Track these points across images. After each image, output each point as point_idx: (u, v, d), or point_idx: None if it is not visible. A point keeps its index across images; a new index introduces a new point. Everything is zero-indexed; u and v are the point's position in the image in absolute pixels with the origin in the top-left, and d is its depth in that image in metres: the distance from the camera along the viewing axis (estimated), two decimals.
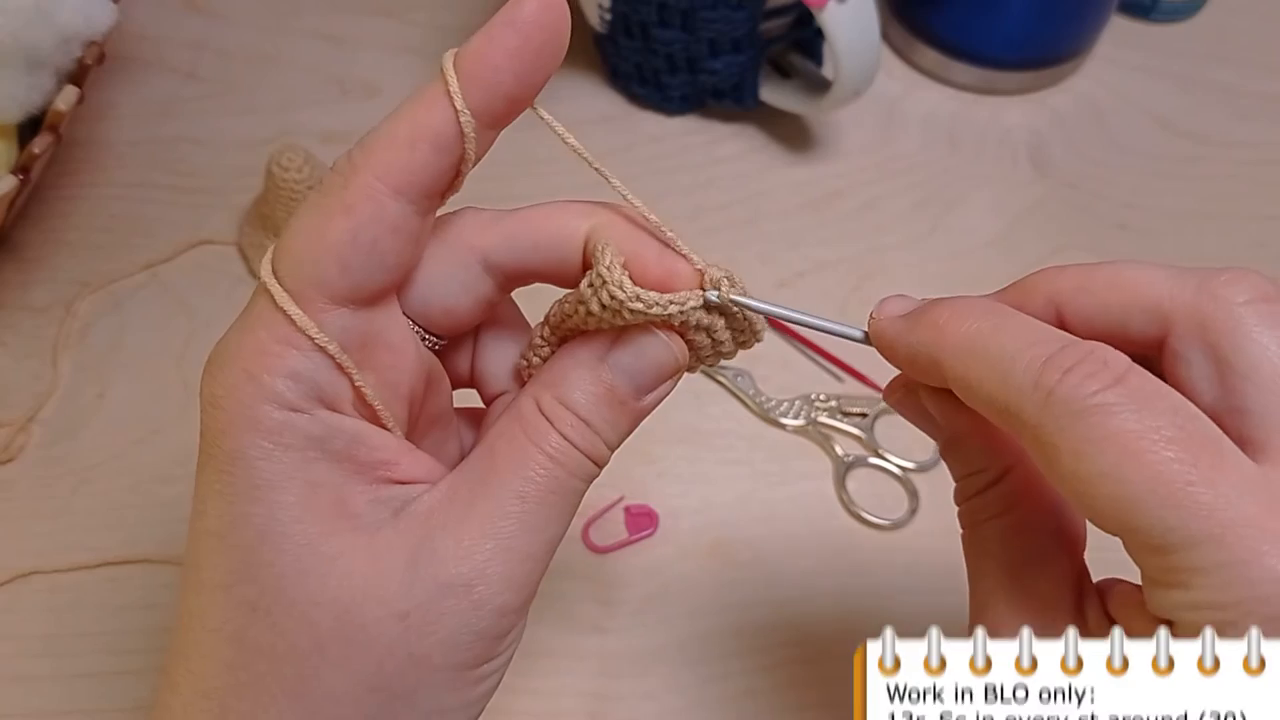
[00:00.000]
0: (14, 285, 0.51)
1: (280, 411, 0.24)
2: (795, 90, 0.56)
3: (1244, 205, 0.56)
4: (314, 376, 0.24)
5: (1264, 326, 0.24)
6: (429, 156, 0.25)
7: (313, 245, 0.24)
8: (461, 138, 0.25)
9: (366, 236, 0.24)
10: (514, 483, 0.26)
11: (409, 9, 0.63)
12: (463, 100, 0.24)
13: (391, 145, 0.24)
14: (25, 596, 0.42)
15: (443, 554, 0.25)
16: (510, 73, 0.25)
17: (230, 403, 0.24)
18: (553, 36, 0.25)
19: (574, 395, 0.26)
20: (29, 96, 0.46)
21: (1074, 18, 0.59)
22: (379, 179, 0.24)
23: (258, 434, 0.24)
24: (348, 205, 0.24)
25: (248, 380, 0.24)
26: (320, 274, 0.24)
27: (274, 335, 0.24)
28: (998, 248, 0.54)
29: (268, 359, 0.24)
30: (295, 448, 0.24)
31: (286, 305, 0.24)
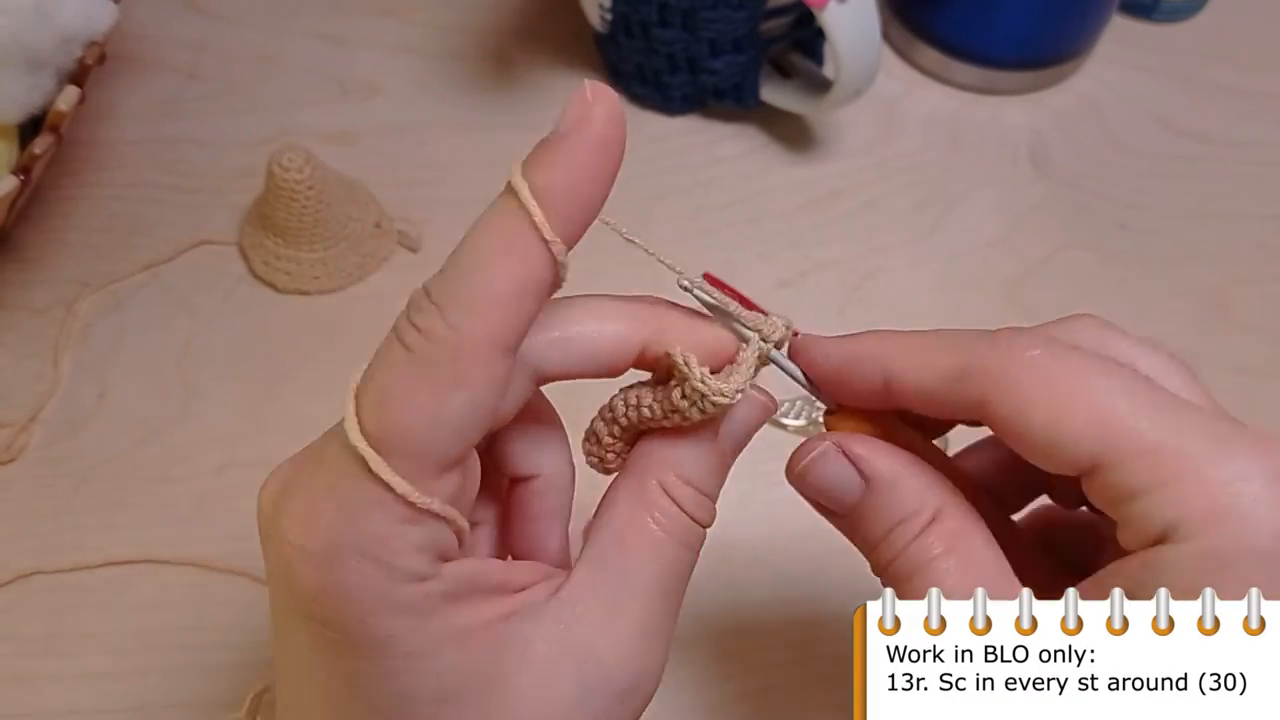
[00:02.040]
0: (15, 285, 0.51)
1: (415, 585, 0.23)
2: (796, 90, 0.56)
3: (1245, 205, 0.56)
4: (434, 544, 0.24)
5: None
6: (535, 307, 0.24)
7: (427, 421, 0.23)
8: (557, 274, 0.24)
9: (483, 404, 0.23)
10: (655, 575, 0.26)
11: (409, 9, 0.63)
12: (562, 245, 0.23)
13: (501, 303, 0.23)
14: (26, 596, 0.42)
15: (610, 660, 0.25)
16: (599, 202, 0.24)
17: (363, 593, 0.23)
18: (621, 146, 0.24)
19: (699, 475, 0.27)
20: (30, 97, 0.46)
21: (1075, 17, 0.59)
22: (492, 343, 0.23)
23: (402, 614, 0.23)
24: (463, 377, 0.23)
25: (378, 569, 0.23)
26: (438, 450, 0.23)
27: (391, 516, 0.23)
28: (998, 247, 0.54)
29: (394, 541, 0.23)
30: (436, 610, 0.24)
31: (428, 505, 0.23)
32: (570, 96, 0.24)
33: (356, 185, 0.53)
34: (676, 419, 0.27)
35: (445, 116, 0.58)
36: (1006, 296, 0.52)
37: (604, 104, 0.24)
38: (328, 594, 0.23)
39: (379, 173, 0.54)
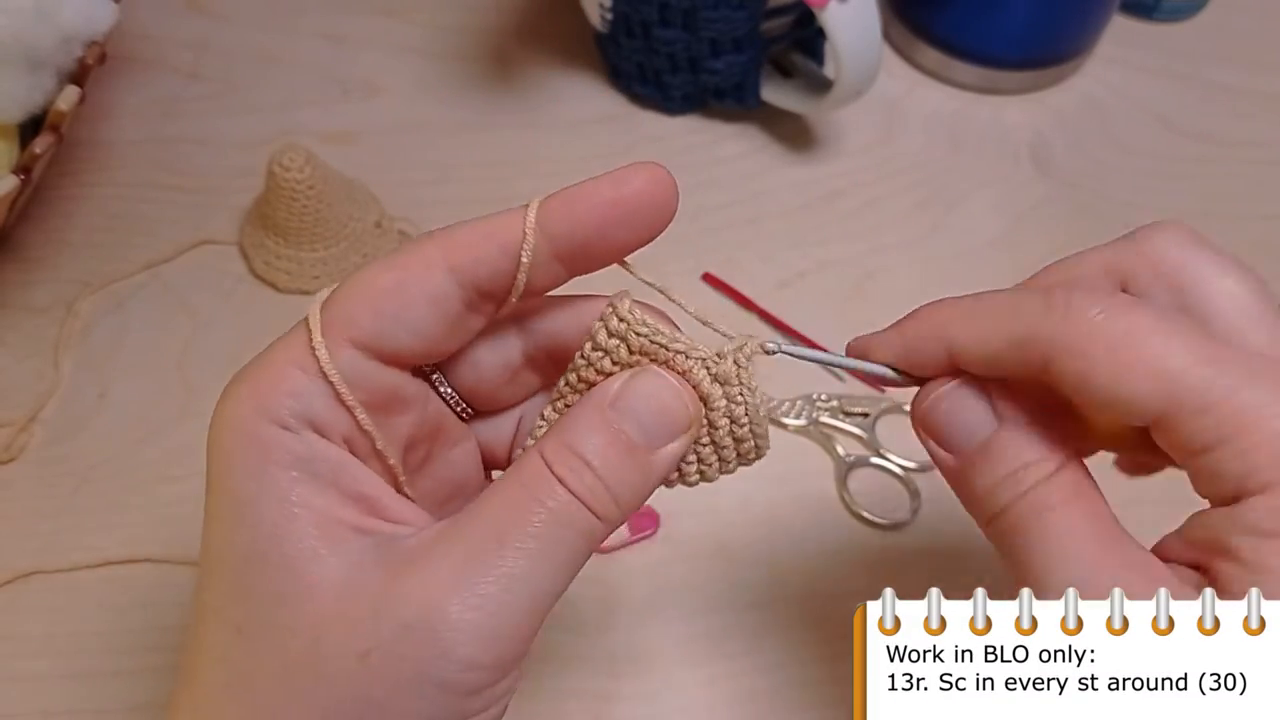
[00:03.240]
0: (15, 285, 0.51)
1: (273, 429, 0.24)
2: (797, 90, 0.56)
3: (1246, 205, 0.56)
4: (312, 400, 0.25)
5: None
6: (492, 252, 0.26)
7: (355, 289, 0.26)
8: (520, 253, 0.26)
9: (406, 294, 0.25)
10: (498, 530, 0.24)
11: (410, 9, 0.63)
12: (535, 214, 0.26)
13: (464, 229, 0.26)
14: (26, 596, 0.42)
15: (407, 593, 0.23)
16: (594, 227, 0.26)
17: (231, 416, 0.25)
18: (654, 212, 0.26)
19: (580, 440, 0.25)
20: (30, 96, 0.46)
21: (1076, 17, 0.58)
22: (439, 251, 0.25)
23: (249, 449, 0.24)
24: (403, 264, 0.26)
25: (251, 395, 0.25)
26: (350, 313, 0.25)
27: (286, 356, 0.25)
28: (999, 247, 0.54)
29: (273, 374, 0.25)
30: (282, 465, 0.24)
31: (314, 326, 0.25)
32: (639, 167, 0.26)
33: (357, 185, 0.53)
34: (608, 365, 0.27)
35: (446, 116, 0.58)
36: None
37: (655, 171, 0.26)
38: (212, 420, 0.25)
39: (379, 172, 0.54)
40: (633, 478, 0.26)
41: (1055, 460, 0.26)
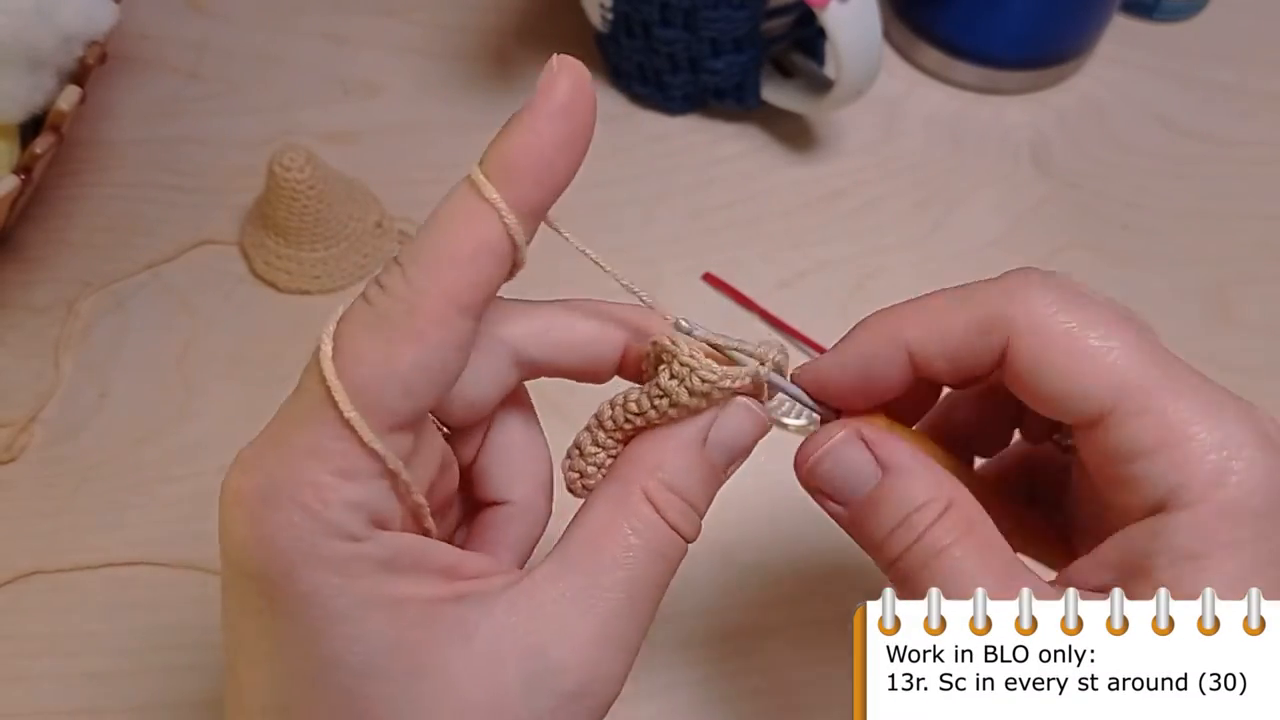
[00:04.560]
0: (16, 285, 0.51)
1: (345, 544, 0.23)
2: (797, 90, 0.56)
3: (1247, 204, 0.56)
4: (370, 503, 0.23)
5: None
6: (492, 270, 0.24)
7: (378, 374, 0.23)
8: (510, 239, 0.24)
9: (436, 362, 0.24)
10: (624, 581, 0.25)
11: (410, 8, 0.63)
12: (506, 206, 0.24)
13: (455, 263, 0.24)
14: (26, 596, 0.42)
15: (561, 660, 0.24)
16: (558, 176, 0.25)
17: (289, 542, 0.23)
18: (590, 121, 0.25)
19: (681, 479, 0.26)
20: (31, 96, 0.46)
21: (1076, 17, 0.58)
22: (448, 300, 0.23)
23: (328, 572, 0.23)
24: (418, 331, 0.23)
25: (307, 518, 0.23)
26: (384, 403, 0.23)
27: (328, 467, 0.23)
28: (1000, 247, 0.54)
29: (326, 492, 0.23)
30: (367, 575, 0.23)
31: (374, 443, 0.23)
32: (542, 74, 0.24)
33: (357, 185, 0.53)
34: (664, 405, 0.26)
35: (446, 116, 0.58)
36: None
37: (568, 74, 0.24)
38: (256, 541, 0.23)
39: (380, 172, 0.54)
40: (711, 495, 0.27)
41: (943, 500, 0.26)
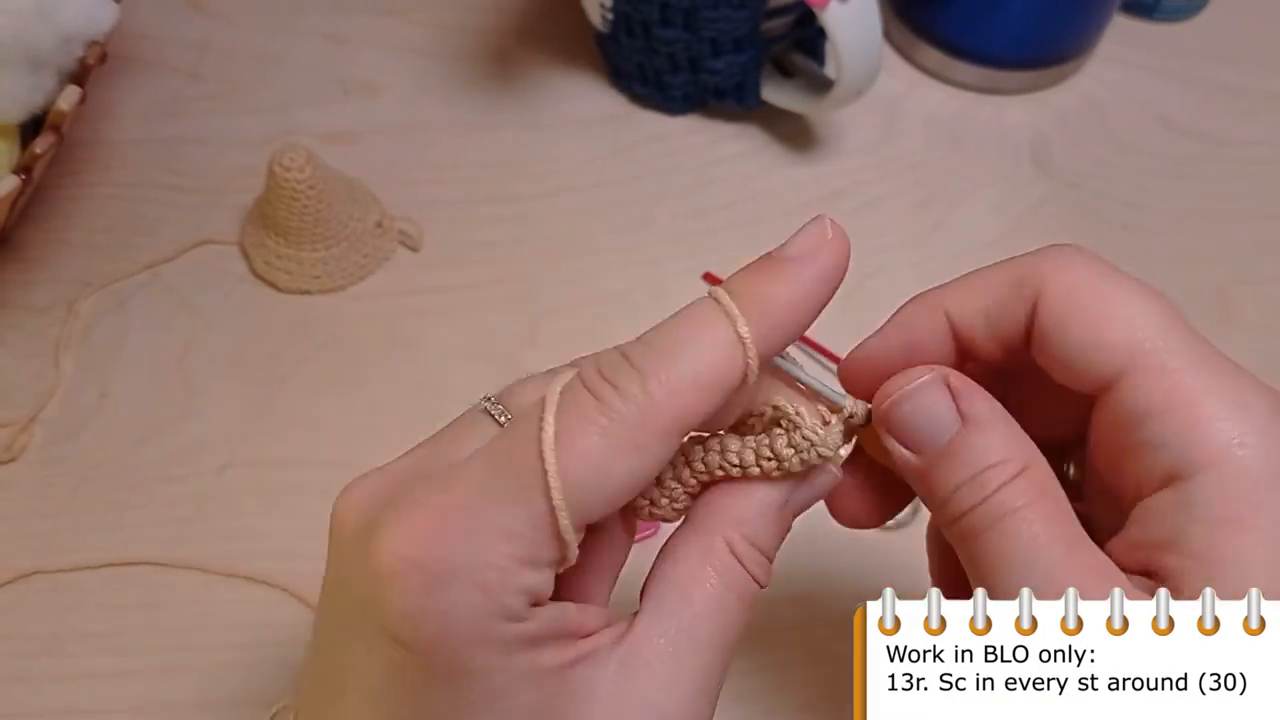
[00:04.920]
0: (16, 285, 0.51)
1: (512, 625, 0.23)
2: (797, 90, 0.56)
3: (1247, 204, 0.56)
4: (541, 589, 0.24)
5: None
6: (719, 403, 0.25)
7: (594, 476, 0.23)
8: (746, 379, 0.25)
9: (645, 475, 0.24)
10: (718, 632, 0.26)
11: (411, 8, 0.63)
12: (755, 350, 0.24)
13: (694, 389, 0.24)
14: (27, 596, 0.42)
15: (671, 714, 0.25)
16: (805, 320, 0.26)
17: (463, 621, 0.23)
18: (839, 281, 0.26)
19: (765, 537, 0.27)
20: (31, 96, 0.46)
21: (1076, 17, 0.58)
22: (679, 423, 0.24)
23: (493, 651, 0.23)
24: (640, 444, 0.24)
25: (485, 599, 0.23)
26: (587, 504, 0.24)
27: (516, 552, 0.23)
28: (1000, 247, 0.54)
29: (507, 577, 0.23)
30: (522, 651, 0.24)
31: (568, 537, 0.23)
32: (808, 226, 0.26)
33: (357, 185, 0.53)
34: (770, 468, 0.27)
35: (447, 116, 0.58)
36: None
37: (840, 244, 0.26)
38: (427, 615, 0.23)
39: (380, 172, 0.54)
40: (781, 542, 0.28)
41: (1019, 461, 0.26)
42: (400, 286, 0.52)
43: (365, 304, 0.51)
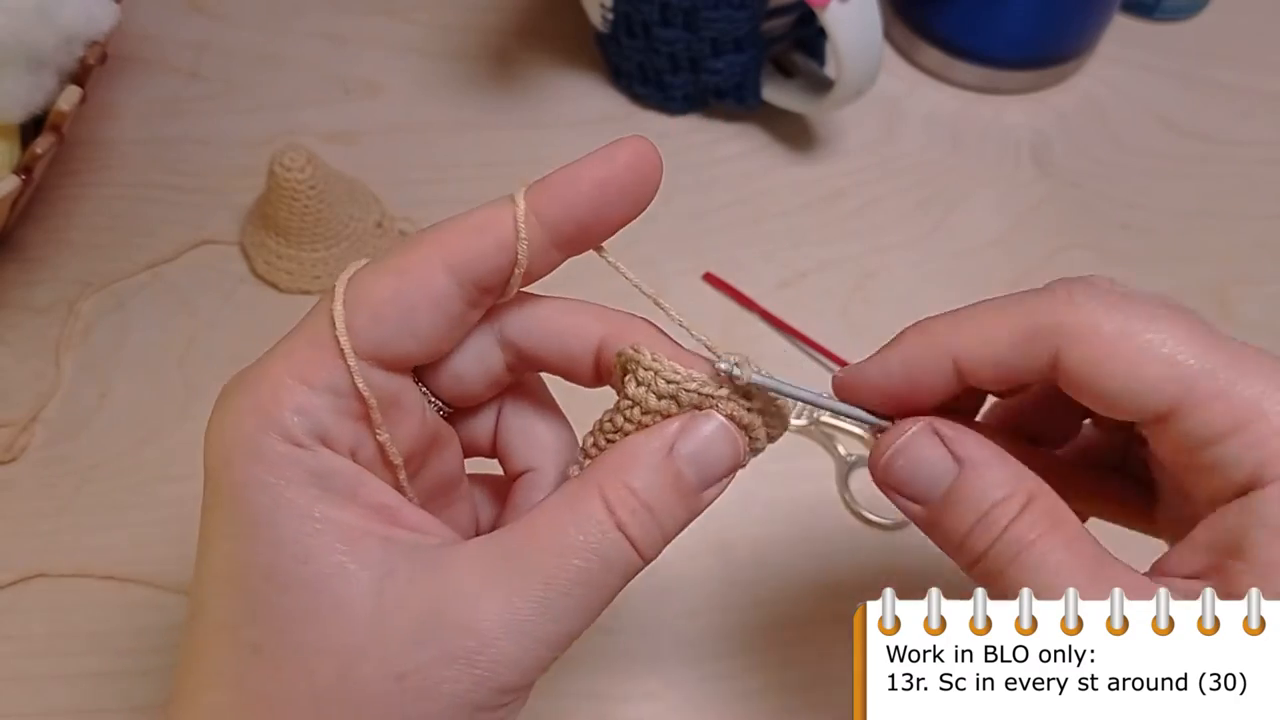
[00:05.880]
0: (17, 285, 0.51)
1: (284, 445, 0.24)
2: (797, 89, 0.56)
3: (1247, 204, 0.56)
4: (320, 415, 0.24)
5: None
6: (489, 248, 0.25)
7: (355, 297, 0.25)
8: (515, 236, 0.25)
9: (407, 300, 0.25)
10: (547, 565, 0.25)
11: (411, 8, 0.63)
12: (524, 205, 0.25)
13: (456, 226, 0.26)
14: (28, 596, 0.42)
15: (453, 622, 0.24)
16: (588, 209, 0.26)
17: (235, 433, 0.24)
18: (641, 185, 0.26)
19: (639, 480, 0.26)
20: (31, 96, 0.46)
21: (1076, 17, 0.58)
22: (436, 252, 0.25)
23: (261, 466, 0.24)
24: (401, 268, 0.25)
25: (255, 411, 0.24)
26: (353, 323, 0.25)
27: (289, 370, 0.25)
28: (1000, 247, 0.54)
29: (278, 391, 0.24)
30: (298, 483, 0.24)
31: (341, 337, 0.24)
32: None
33: (358, 185, 0.53)
34: (635, 414, 0.26)
35: (447, 116, 0.58)
36: None
37: (636, 142, 0.26)
38: (212, 430, 0.24)
39: (380, 172, 0.54)
40: (681, 517, 0.27)
41: (1024, 493, 0.26)
42: None
43: None
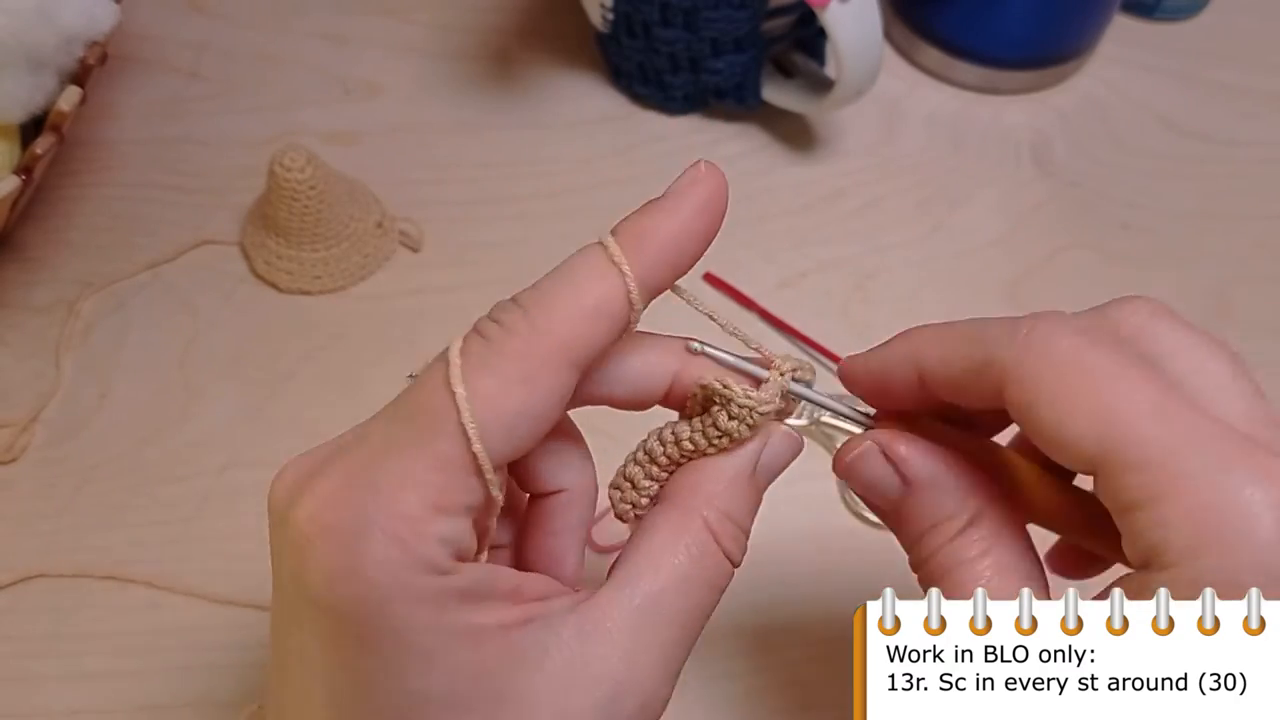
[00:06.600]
0: (17, 285, 0.51)
1: (435, 578, 0.23)
2: (798, 90, 0.56)
3: (1247, 204, 0.56)
4: (460, 538, 0.24)
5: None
6: (606, 329, 0.25)
7: (486, 413, 0.23)
8: (630, 307, 0.25)
9: (540, 410, 0.24)
10: (685, 609, 0.26)
11: (411, 8, 0.63)
12: (632, 274, 0.25)
13: (576, 316, 0.24)
14: (28, 596, 0.42)
15: (626, 688, 0.25)
16: (678, 258, 0.26)
17: (382, 577, 0.22)
18: (717, 218, 0.26)
19: (734, 504, 0.27)
20: (31, 97, 0.46)
21: (1077, 17, 0.58)
22: (564, 350, 0.24)
23: (418, 607, 0.23)
24: (528, 375, 0.24)
25: (402, 552, 0.22)
26: (488, 441, 0.23)
27: (424, 500, 0.23)
28: (1001, 247, 0.54)
29: (421, 526, 0.23)
30: (452, 608, 0.23)
31: (490, 479, 0.24)
32: (686, 170, 0.27)
33: (358, 185, 0.53)
34: (724, 443, 0.27)
35: (447, 116, 0.58)
36: (1008, 296, 0.52)
37: (714, 178, 0.26)
38: (345, 575, 0.22)
39: (381, 172, 0.54)
40: (755, 516, 0.29)
41: (966, 514, 0.27)
42: (401, 287, 0.52)
43: (366, 304, 0.51)
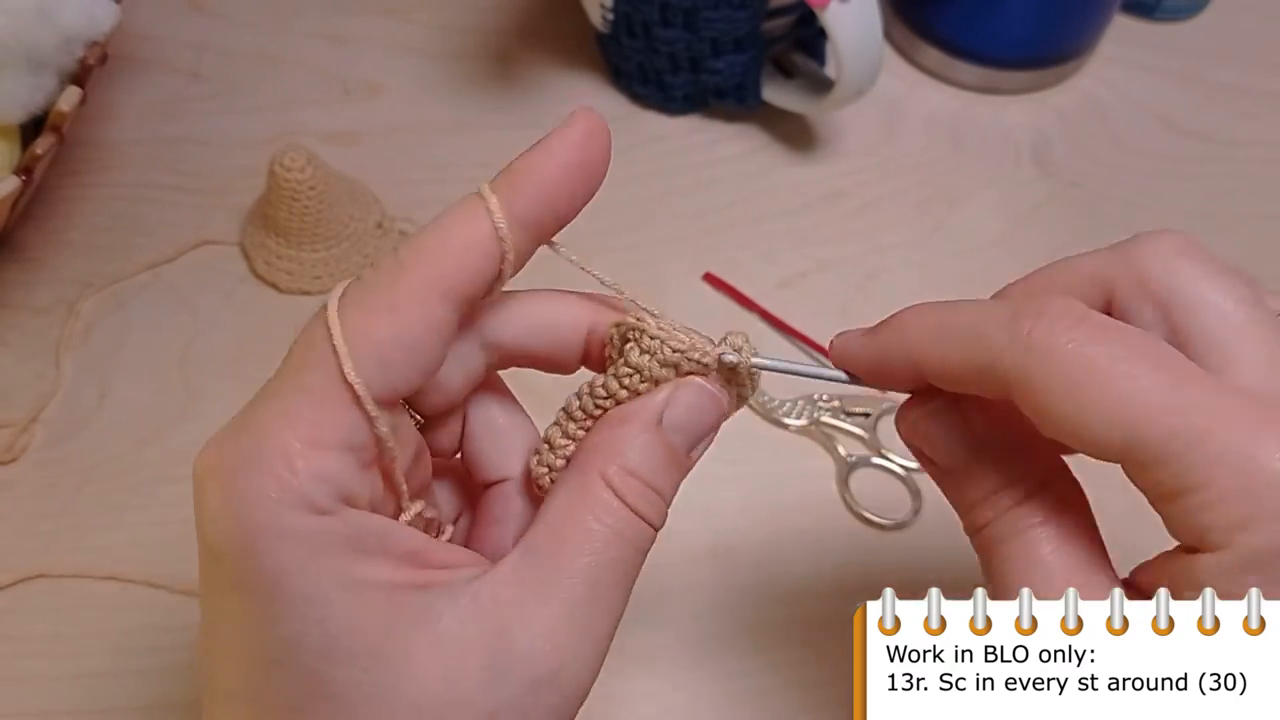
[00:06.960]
0: (17, 285, 0.51)
1: (311, 517, 0.23)
2: (798, 90, 0.56)
3: (1248, 204, 0.56)
4: (342, 477, 0.23)
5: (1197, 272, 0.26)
6: (478, 263, 0.25)
7: (353, 341, 0.23)
8: (502, 246, 0.25)
9: (410, 338, 0.24)
10: (587, 567, 0.25)
11: (411, 8, 0.63)
12: (500, 211, 0.25)
13: (442, 251, 0.25)
14: (28, 596, 0.42)
15: (525, 648, 0.24)
16: (560, 200, 0.26)
17: (255, 515, 0.22)
18: (602, 157, 0.26)
19: (639, 462, 0.26)
20: (31, 97, 0.46)
21: (1077, 17, 0.58)
22: (429, 282, 0.24)
23: (293, 546, 0.22)
24: (394, 304, 0.24)
25: (275, 486, 0.22)
26: (360, 373, 0.23)
27: (297, 433, 0.23)
28: (1001, 247, 0.54)
29: (292, 460, 0.22)
30: (332, 553, 0.23)
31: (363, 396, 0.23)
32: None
33: (358, 185, 0.53)
34: (635, 382, 0.27)
35: (447, 116, 0.58)
36: None
37: (587, 117, 0.26)
38: (225, 513, 0.23)
39: (381, 173, 0.54)
40: (677, 480, 0.27)
41: (1032, 482, 0.26)
42: None
43: None
